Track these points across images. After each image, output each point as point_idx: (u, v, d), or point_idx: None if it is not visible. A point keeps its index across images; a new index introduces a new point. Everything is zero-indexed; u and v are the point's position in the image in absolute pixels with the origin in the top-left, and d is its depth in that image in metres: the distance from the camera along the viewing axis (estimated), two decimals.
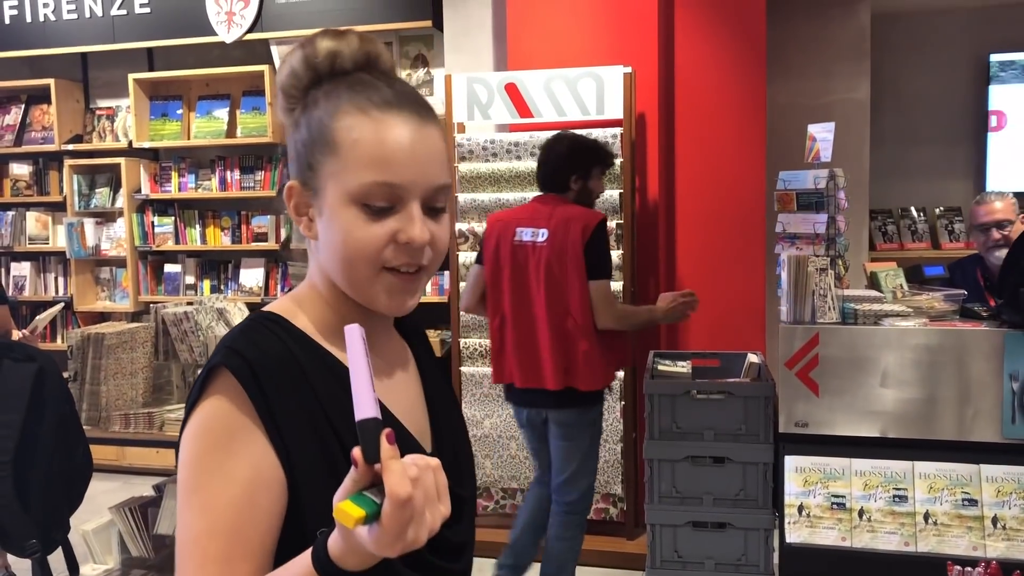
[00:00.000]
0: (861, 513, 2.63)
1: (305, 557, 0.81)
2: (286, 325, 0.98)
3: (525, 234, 3.10)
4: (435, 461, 0.79)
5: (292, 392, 0.91)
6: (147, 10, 5.14)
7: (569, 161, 3.13)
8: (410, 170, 0.93)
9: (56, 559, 2.82)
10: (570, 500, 3.22)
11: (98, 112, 5.61)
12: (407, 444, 0.99)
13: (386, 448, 0.75)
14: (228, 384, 0.90)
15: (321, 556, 0.78)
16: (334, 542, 0.78)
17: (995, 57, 5.14)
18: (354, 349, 0.79)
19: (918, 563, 2.54)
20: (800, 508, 2.67)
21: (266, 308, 1.02)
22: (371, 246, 0.93)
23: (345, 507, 0.73)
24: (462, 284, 4.00)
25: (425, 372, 1.14)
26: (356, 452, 0.75)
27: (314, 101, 0.97)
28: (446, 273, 4.57)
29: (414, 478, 0.75)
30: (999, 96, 5.18)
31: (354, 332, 0.80)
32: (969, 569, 1.86)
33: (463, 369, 3.97)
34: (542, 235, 3.07)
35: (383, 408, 0.98)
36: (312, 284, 1.03)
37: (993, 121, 5.19)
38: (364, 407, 0.77)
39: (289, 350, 0.94)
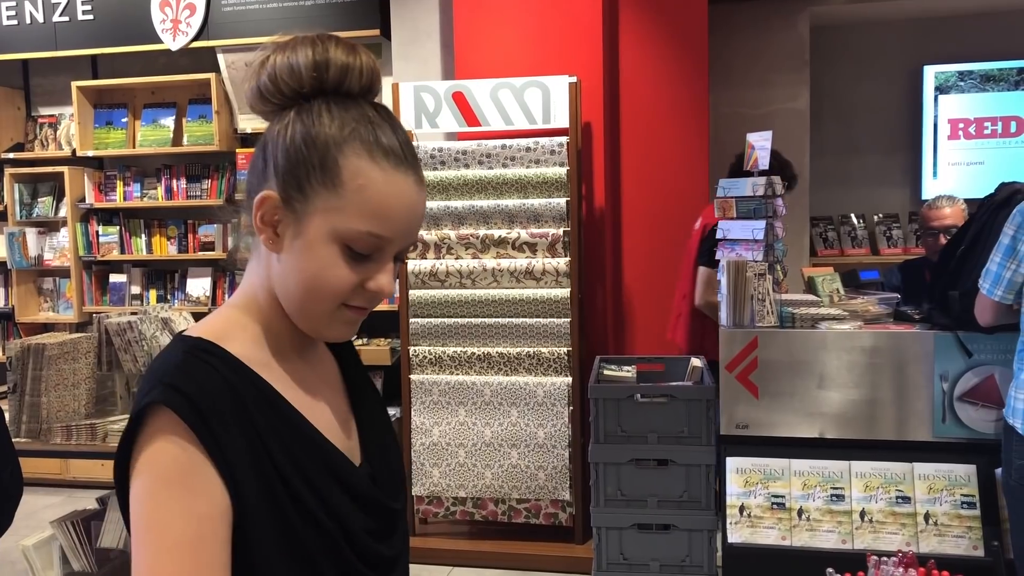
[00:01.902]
0: (800, 512, 2.70)
1: None
2: (219, 353, 0.95)
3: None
4: None
5: (234, 423, 0.90)
6: (90, 17, 5.07)
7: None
8: (401, 228, 0.96)
9: None
10: None
11: (40, 120, 5.51)
12: (334, 458, 0.99)
13: None
14: (172, 422, 0.88)
15: None
16: None
17: (930, 68, 5.31)
18: None
19: (856, 560, 2.61)
20: (741, 508, 2.73)
21: (193, 332, 0.98)
22: (341, 287, 0.95)
23: None
24: (412, 292, 4.01)
25: (352, 386, 1.14)
26: None
27: (317, 115, 0.94)
28: (396, 282, 4.57)
29: None
30: (934, 106, 5.34)
31: None
32: (886, 559, 1.93)
33: (412, 377, 3.97)
34: (697, 224, 3.76)
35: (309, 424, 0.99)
36: (253, 296, 1.01)
37: (930, 130, 5.34)
38: None
39: (227, 381, 0.92)
